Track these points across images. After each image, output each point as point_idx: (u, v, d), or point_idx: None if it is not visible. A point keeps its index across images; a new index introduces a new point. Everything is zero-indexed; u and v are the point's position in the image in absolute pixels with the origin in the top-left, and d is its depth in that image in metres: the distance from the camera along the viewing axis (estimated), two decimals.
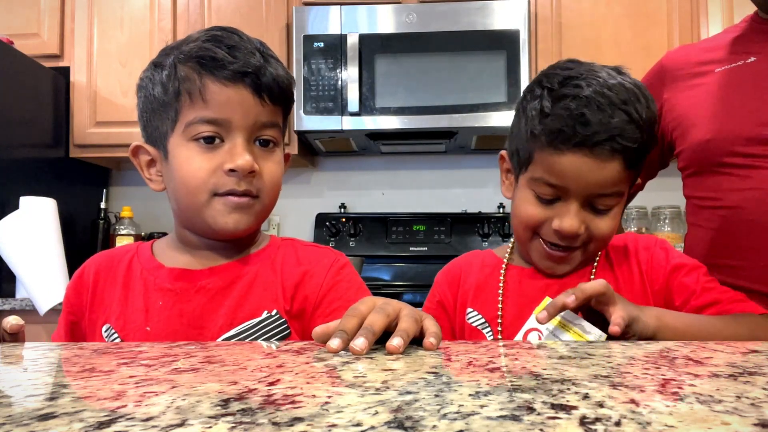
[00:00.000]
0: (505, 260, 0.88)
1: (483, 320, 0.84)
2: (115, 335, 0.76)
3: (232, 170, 0.72)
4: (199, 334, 0.74)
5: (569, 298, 0.67)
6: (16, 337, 0.69)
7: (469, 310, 0.85)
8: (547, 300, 0.70)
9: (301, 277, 0.78)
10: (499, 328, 0.82)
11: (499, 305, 0.83)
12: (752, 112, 0.95)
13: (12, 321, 0.68)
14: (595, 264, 0.84)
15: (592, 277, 0.82)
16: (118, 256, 0.83)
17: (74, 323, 0.82)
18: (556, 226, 0.77)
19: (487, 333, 0.83)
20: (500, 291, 0.84)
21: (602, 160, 0.74)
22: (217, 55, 0.71)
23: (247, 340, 0.73)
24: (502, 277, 0.85)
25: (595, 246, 0.80)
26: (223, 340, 0.73)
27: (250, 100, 0.73)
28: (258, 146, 0.75)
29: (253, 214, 0.75)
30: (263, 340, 0.74)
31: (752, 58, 0.98)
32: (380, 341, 0.53)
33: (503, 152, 0.87)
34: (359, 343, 0.50)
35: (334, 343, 0.51)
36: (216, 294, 0.76)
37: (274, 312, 0.75)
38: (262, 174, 0.74)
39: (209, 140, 0.72)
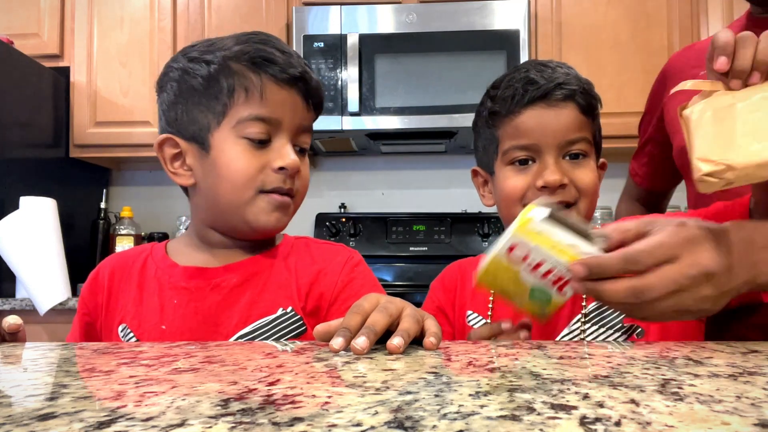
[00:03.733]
0: None
1: (482, 320, 0.84)
2: (131, 335, 0.76)
3: (281, 168, 0.73)
4: (214, 332, 0.74)
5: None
6: (15, 336, 0.69)
7: (469, 312, 0.85)
8: (532, 208, 0.56)
9: (316, 275, 0.78)
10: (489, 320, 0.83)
11: (490, 304, 0.84)
12: None
13: (10, 320, 0.68)
14: None
15: None
16: (132, 256, 0.83)
17: (89, 324, 0.82)
18: (541, 183, 0.78)
19: None
20: (492, 291, 0.84)
21: (558, 108, 0.80)
22: (275, 56, 0.73)
23: (262, 338, 0.73)
24: None
25: (584, 203, 0.80)
26: (239, 337, 0.73)
27: (300, 103, 0.76)
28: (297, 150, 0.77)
29: (289, 214, 0.77)
30: (279, 337, 0.74)
31: None
32: (381, 340, 0.53)
33: (474, 168, 0.90)
34: (360, 342, 0.50)
35: (337, 342, 0.51)
36: (231, 291, 0.76)
37: (289, 309, 0.75)
38: (301, 175, 0.77)
39: (262, 141, 0.73)
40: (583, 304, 0.79)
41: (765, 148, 0.57)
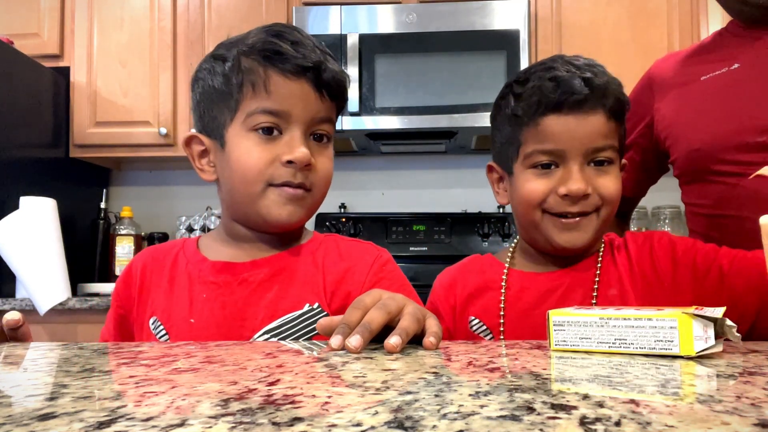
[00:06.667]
0: (506, 264, 0.87)
1: (485, 327, 0.83)
2: (161, 328, 0.77)
3: (289, 162, 0.73)
4: (241, 326, 0.74)
5: None
6: (17, 333, 0.69)
7: (471, 318, 0.85)
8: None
9: (343, 274, 0.78)
10: (501, 337, 0.82)
11: (501, 312, 0.82)
12: (739, 120, 0.95)
13: (8, 317, 0.68)
14: (600, 251, 0.84)
15: (599, 265, 0.82)
16: (164, 250, 0.85)
17: (123, 317, 0.83)
18: (564, 191, 0.77)
19: (489, 339, 0.82)
20: (502, 298, 0.83)
21: (587, 114, 0.77)
22: (282, 48, 0.73)
23: (288, 333, 0.74)
24: (504, 283, 0.84)
25: (606, 211, 0.80)
26: (265, 332, 0.74)
27: (311, 94, 0.75)
28: (313, 141, 0.76)
29: (305, 207, 0.76)
30: (305, 333, 0.74)
31: (736, 65, 0.99)
32: (382, 337, 0.53)
33: (490, 163, 0.89)
34: (353, 341, 0.50)
35: (335, 340, 0.51)
36: (258, 286, 0.76)
37: (316, 305, 0.76)
38: (317, 168, 0.76)
39: (268, 131, 0.73)
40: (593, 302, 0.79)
41: None
